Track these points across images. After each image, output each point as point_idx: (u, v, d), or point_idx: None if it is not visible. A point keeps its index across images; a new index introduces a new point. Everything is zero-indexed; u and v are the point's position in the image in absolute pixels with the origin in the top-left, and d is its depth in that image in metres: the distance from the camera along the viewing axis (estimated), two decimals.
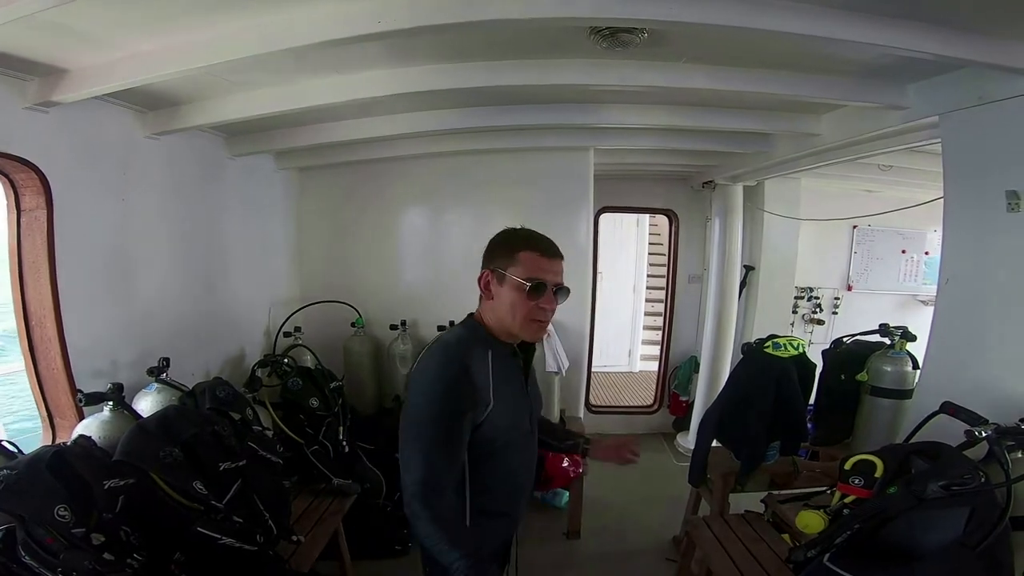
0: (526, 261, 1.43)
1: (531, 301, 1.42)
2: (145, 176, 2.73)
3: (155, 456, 1.92)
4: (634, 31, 1.83)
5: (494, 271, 1.46)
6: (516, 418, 1.51)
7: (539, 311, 1.44)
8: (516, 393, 1.52)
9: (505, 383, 1.46)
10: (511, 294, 1.43)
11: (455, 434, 1.37)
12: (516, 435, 1.53)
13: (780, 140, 3.51)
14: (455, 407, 1.36)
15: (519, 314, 1.43)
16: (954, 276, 2.37)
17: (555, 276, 1.46)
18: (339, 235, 4.26)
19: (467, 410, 1.37)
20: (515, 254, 1.44)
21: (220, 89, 2.47)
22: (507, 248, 1.47)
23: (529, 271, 1.42)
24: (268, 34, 1.80)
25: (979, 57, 1.80)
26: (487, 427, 1.42)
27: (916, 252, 5.42)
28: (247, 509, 2.18)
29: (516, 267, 1.43)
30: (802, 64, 2.22)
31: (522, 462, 1.60)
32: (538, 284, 1.42)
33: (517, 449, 1.55)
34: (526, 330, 1.46)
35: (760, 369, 2.94)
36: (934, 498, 1.60)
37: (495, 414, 1.42)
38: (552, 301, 1.45)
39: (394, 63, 2.26)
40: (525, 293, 1.41)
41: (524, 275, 1.42)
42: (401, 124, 3.05)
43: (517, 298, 1.42)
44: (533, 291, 1.41)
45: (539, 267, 1.43)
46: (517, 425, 1.52)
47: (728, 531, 2.72)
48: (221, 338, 3.39)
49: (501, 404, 1.43)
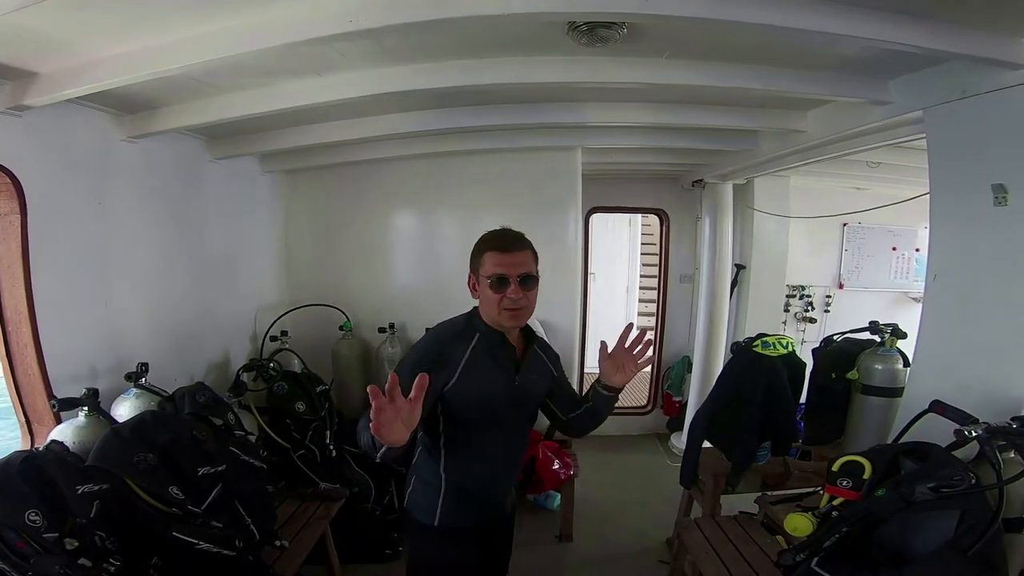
0: (489, 260, 1.63)
1: (498, 294, 1.61)
2: (123, 179, 2.70)
3: (129, 461, 1.90)
4: (612, 26, 1.80)
5: (473, 273, 1.68)
6: (490, 396, 1.65)
7: (508, 301, 1.62)
8: (496, 375, 1.67)
9: (481, 364, 1.63)
10: (485, 291, 1.64)
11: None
12: (490, 412, 1.66)
13: (766, 137, 3.49)
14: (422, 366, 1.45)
15: (493, 306, 1.63)
16: (942, 272, 2.34)
17: (517, 268, 1.62)
18: (326, 238, 4.23)
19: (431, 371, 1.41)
20: (481, 256, 1.65)
21: (198, 92, 2.43)
22: (477, 251, 1.68)
23: (492, 268, 1.62)
24: (240, 36, 1.78)
25: (961, 50, 1.78)
26: (451, 397, 1.60)
27: (907, 249, 5.40)
28: (228, 514, 2.16)
29: (483, 267, 1.64)
30: (784, 59, 2.20)
31: (502, 443, 1.75)
32: (500, 278, 1.60)
33: (494, 426, 1.69)
34: (503, 317, 1.64)
35: (749, 368, 2.91)
36: (923, 500, 1.57)
37: (458, 386, 1.59)
38: (518, 291, 1.61)
39: (372, 63, 2.23)
40: (491, 287, 1.61)
41: (489, 273, 1.62)
42: (385, 125, 3.02)
43: (489, 292, 1.62)
44: (497, 285, 1.61)
45: (500, 263, 1.62)
46: (490, 403, 1.65)
47: (719, 533, 2.69)
48: (205, 342, 3.35)
49: (468, 380, 1.60)
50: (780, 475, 2.96)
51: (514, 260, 1.63)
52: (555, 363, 1.91)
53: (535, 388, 1.80)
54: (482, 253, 1.65)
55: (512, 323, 1.67)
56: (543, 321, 3.91)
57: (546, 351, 1.90)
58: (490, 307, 1.64)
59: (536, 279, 1.67)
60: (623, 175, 5.21)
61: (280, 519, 2.61)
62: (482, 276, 1.64)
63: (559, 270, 4.04)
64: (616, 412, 6.10)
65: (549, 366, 1.87)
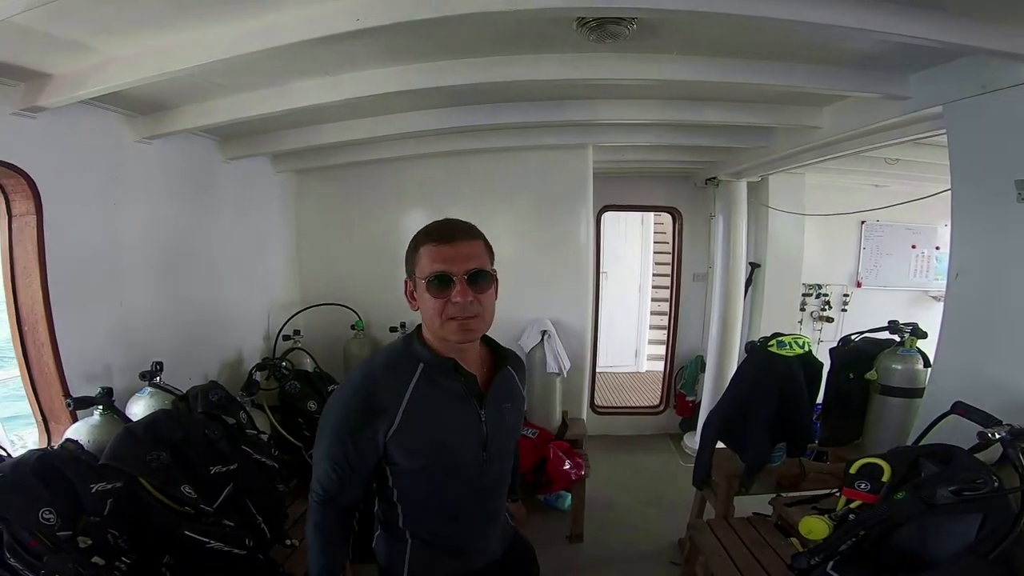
0: (425, 256, 1.26)
1: (439, 299, 1.24)
2: (136, 180, 2.73)
3: (142, 460, 1.92)
4: (622, 21, 1.78)
5: (409, 278, 1.31)
6: (451, 441, 1.33)
7: (452, 307, 1.24)
8: (453, 415, 1.33)
9: (429, 404, 1.29)
10: (423, 295, 1.26)
11: (349, 450, 1.28)
12: (448, 463, 1.34)
13: (781, 134, 3.44)
14: (348, 424, 1.27)
15: (435, 316, 1.26)
16: (964, 270, 2.29)
17: (463, 263, 1.24)
18: (338, 237, 4.25)
19: (360, 428, 1.26)
20: (417, 251, 1.28)
21: (209, 92, 2.45)
22: (412, 248, 1.30)
23: (430, 265, 1.24)
24: (247, 36, 1.78)
25: (981, 43, 1.73)
26: (394, 446, 1.28)
27: (927, 247, 5.31)
28: (239, 513, 2.18)
29: (419, 265, 1.27)
30: (798, 54, 2.16)
31: (473, 496, 1.41)
32: (440, 277, 1.23)
33: (457, 479, 1.36)
34: (449, 330, 1.26)
35: (764, 368, 2.86)
36: (944, 504, 1.52)
37: (403, 436, 1.27)
38: (466, 292, 1.23)
39: (381, 62, 2.23)
40: (430, 290, 1.24)
41: (425, 271, 1.25)
42: (395, 124, 3.02)
43: (428, 297, 1.25)
44: (435, 286, 1.23)
45: (439, 257, 1.24)
46: (453, 450, 1.34)
47: (732, 535, 2.66)
48: (218, 342, 3.39)
49: (414, 426, 1.28)
50: (795, 476, 2.91)
51: (458, 252, 1.25)
52: (523, 379, 1.54)
53: (510, 419, 1.44)
54: (417, 248, 1.28)
55: (460, 337, 1.27)
56: (555, 321, 3.89)
57: (515, 366, 1.51)
58: (431, 318, 1.27)
59: (492, 277, 1.29)
60: (635, 173, 5.16)
61: (291, 518, 2.61)
62: (418, 277, 1.26)
63: (571, 269, 4.03)
64: (628, 412, 6.13)
65: (519, 385, 1.51)
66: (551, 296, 3.96)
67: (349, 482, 1.32)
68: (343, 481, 1.31)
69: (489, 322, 1.32)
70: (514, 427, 1.49)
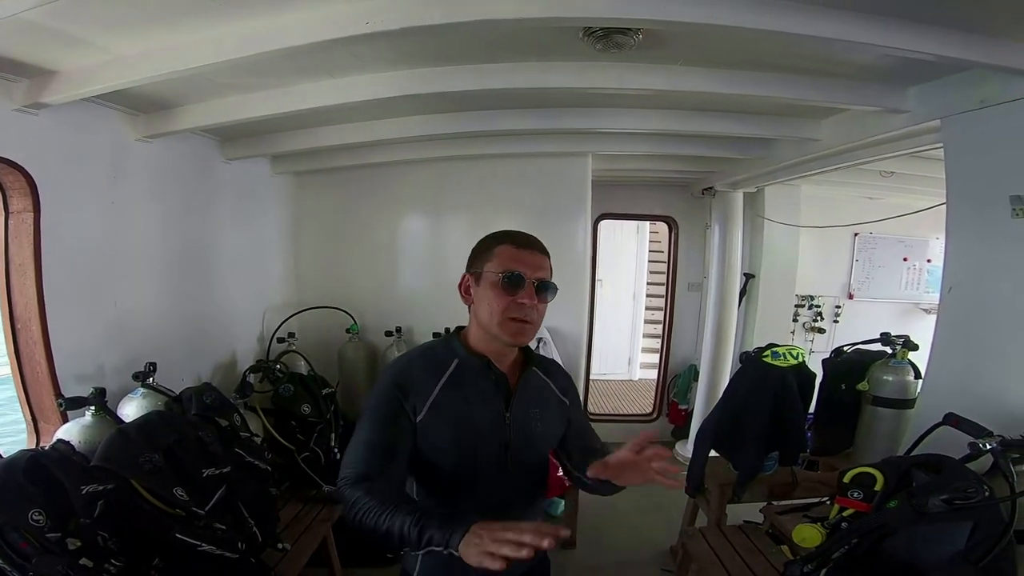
0: (501, 254, 1.32)
1: (508, 296, 1.29)
2: (136, 179, 2.71)
3: (135, 462, 1.89)
4: (628, 32, 1.80)
5: (472, 273, 1.37)
6: (469, 439, 1.33)
7: (517, 307, 1.29)
8: (479, 413, 1.34)
9: (457, 399, 1.32)
10: (488, 291, 1.31)
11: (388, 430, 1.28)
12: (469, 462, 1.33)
13: (780, 145, 3.47)
14: (388, 406, 1.30)
15: (496, 310, 1.29)
16: (957, 284, 2.32)
17: (535, 270, 1.32)
18: (335, 240, 4.24)
19: (400, 408, 1.29)
20: (491, 250, 1.34)
21: (213, 92, 2.45)
22: (484, 246, 1.37)
23: (504, 263, 1.31)
24: (256, 36, 1.78)
25: (980, 58, 1.76)
26: (422, 428, 1.30)
27: (918, 260, 5.36)
28: (231, 516, 2.16)
29: (491, 262, 1.32)
30: (800, 67, 2.19)
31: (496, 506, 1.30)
32: (514, 275, 1.29)
33: (478, 482, 1.34)
34: (505, 330, 1.30)
35: (758, 378, 2.89)
36: (936, 512, 1.55)
37: (428, 423, 1.30)
38: (532, 296, 1.30)
39: (386, 66, 2.23)
40: (500, 286, 1.29)
41: (499, 268, 1.30)
42: (397, 128, 3.02)
43: (493, 294, 1.30)
44: (508, 283, 1.29)
45: (516, 258, 1.31)
46: (470, 448, 1.33)
47: (724, 542, 2.67)
48: (213, 343, 3.36)
49: (438, 418, 1.30)
50: (787, 485, 2.93)
51: (534, 260, 1.33)
52: (568, 391, 1.52)
53: (539, 426, 1.42)
54: (492, 247, 1.34)
55: (515, 339, 1.33)
56: (551, 328, 3.89)
57: (553, 374, 1.51)
58: (491, 313, 1.31)
59: (555, 291, 1.36)
60: (632, 181, 5.20)
61: (283, 521, 2.61)
62: (487, 272, 1.32)
63: (568, 277, 3.99)
64: (621, 419, 6.13)
65: (558, 395, 1.49)
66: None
67: (388, 463, 1.26)
68: (382, 462, 1.25)
69: (536, 331, 1.37)
70: (543, 436, 1.44)
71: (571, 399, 1.52)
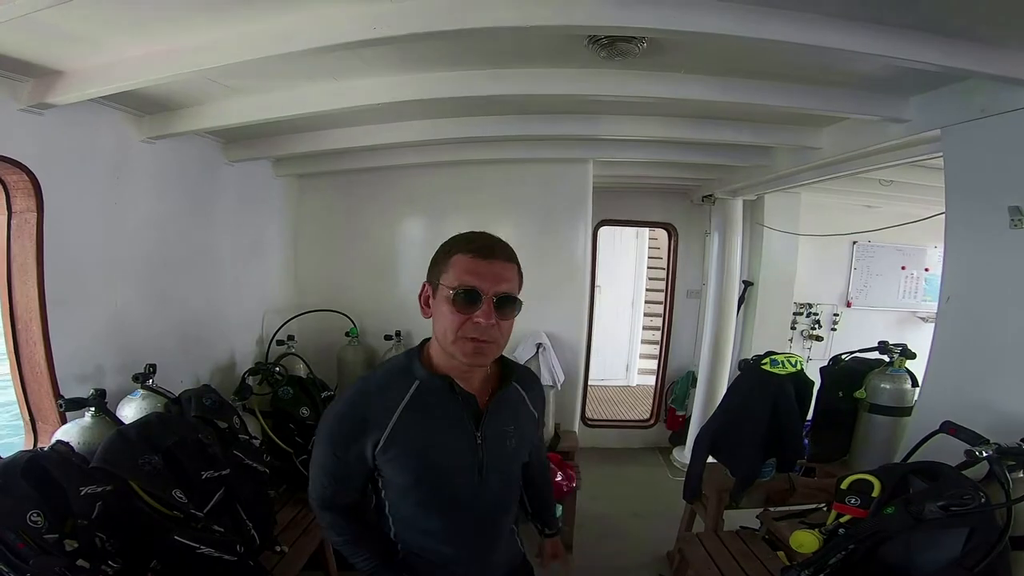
0: (458, 265, 1.18)
1: (462, 314, 1.16)
2: (139, 180, 2.71)
3: (134, 463, 1.89)
4: (632, 40, 1.81)
5: (431, 282, 1.23)
6: (443, 464, 1.26)
7: (472, 327, 1.16)
8: (447, 437, 1.26)
9: (421, 424, 1.22)
10: (442, 307, 1.18)
11: (339, 460, 1.25)
12: (437, 480, 1.26)
13: (780, 153, 3.48)
14: (339, 436, 1.24)
15: (450, 329, 1.17)
16: (955, 294, 2.33)
17: (495, 283, 1.17)
18: (336, 243, 4.24)
19: (350, 441, 1.23)
20: (449, 259, 1.20)
21: (218, 94, 2.45)
22: (442, 254, 1.22)
23: (459, 276, 1.16)
24: (264, 39, 1.79)
25: (982, 68, 1.77)
26: (383, 462, 1.23)
27: (916, 268, 5.39)
28: (229, 519, 2.16)
29: (447, 273, 1.19)
30: (802, 76, 2.20)
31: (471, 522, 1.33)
32: (468, 291, 1.15)
33: (452, 506, 1.29)
34: (460, 349, 1.18)
35: (757, 386, 2.90)
36: (932, 519, 1.56)
37: (390, 453, 1.21)
38: (490, 315, 1.16)
39: (391, 71, 2.24)
40: (454, 303, 1.16)
41: (454, 282, 1.16)
42: (401, 132, 3.03)
43: (447, 310, 1.17)
44: (463, 300, 1.15)
45: (472, 271, 1.16)
46: (444, 472, 1.26)
47: (721, 548, 2.68)
48: (212, 345, 3.36)
49: (402, 445, 1.21)
50: (784, 491, 2.93)
51: (493, 271, 1.18)
52: (538, 402, 1.46)
53: (513, 443, 1.34)
54: (450, 255, 1.20)
55: (471, 360, 1.20)
56: (550, 334, 3.90)
57: (530, 387, 1.44)
58: (444, 332, 1.19)
59: (518, 305, 1.22)
60: (632, 188, 5.21)
61: (280, 524, 2.60)
62: (442, 285, 1.18)
63: (567, 283, 4.04)
64: (619, 425, 6.13)
65: (531, 407, 1.42)
66: (547, 309, 3.95)
67: (341, 488, 1.32)
68: (336, 488, 1.32)
69: (501, 349, 1.26)
70: (517, 451, 1.38)
71: (539, 411, 1.45)
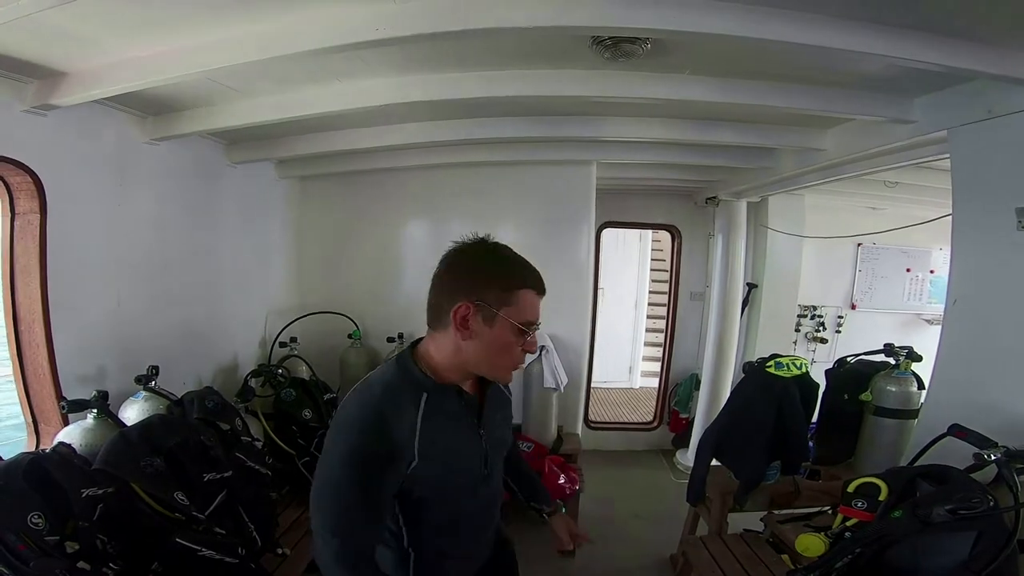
0: (525, 299, 1.20)
1: (519, 345, 1.22)
2: (142, 181, 2.71)
3: (136, 465, 1.89)
4: (636, 41, 1.80)
5: (480, 306, 1.19)
6: (460, 465, 1.28)
7: (521, 356, 1.24)
8: (460, 439, 1.28)
9: (439, 432, 1.22)
10: (503, 337, 1.20)
11: (372, 495, 1.17)
12: (462, 481, 1.30)
13: (785, 155, 3.46)
14: (371, 469, 1.15)
15: (504, 359, 1.22)
16: (962, 297, 2.30)
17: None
18: (338, 245, 4.24)
19: (382, 470, 1.16)
20: (514, 291, 1.20)
21: (221, 95, 2.45)
22: (504, 282, 1.21)
23: (529, 312, 1.20)
24: (267, 40, 1.78)
25: (988, 68, 1.76)
26: (414, 482, 1.20)
27: (921, 271, 5.36)
28: (231, 521, 2.15)
29: (513, 307, 1.19)
30: (805, 77, 2.18)
31: (479, 506, 1.40)
32: (533, 325, 1.22)
33: (468, 494, 1.34)
34: (501, 372, 1.26)
35: (762, 388, 2.88)
36: (940, 522, 1.54)
37: (421, 468, 1.19)
38: (535, 344, 1.26)
39: (394, 72, 2.23)
40: (520, 335, 1.20)
41: (522, 317, 1.19)
42: (405, 134, 3.02)
43: (509, 342, 1.20)
44: (528, 334, 1.22)
45: (535, 306, 1.23)
46: (461, 472, 1.29)
47: (725, 551, 2.66)
48: (215, 347, 3.35)
49: (431, 457, 1.20)
50: (789, 494, 2.91)
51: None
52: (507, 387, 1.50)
53: (503, 429, 1.45)
54: (514, 288, 1.20)
55: (508, 379, 1.32)
56: (553, 336, 3.88)
57: None
58: (495, 356, 1.22)
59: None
60: (636, 190, 5.20)
61: (282, 526, 2.60)
62: (505, 315, 1.18)
63: (571, 285, 4.03)
64: (622, 427, 6.10)
65: (507, 393, 1.50)
66: (550, 311, 3.86)
67: (372, 529, 1.23)
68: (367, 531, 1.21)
69: None
70: (506, 436, 1.47)
71: (509, 392, 1.51)
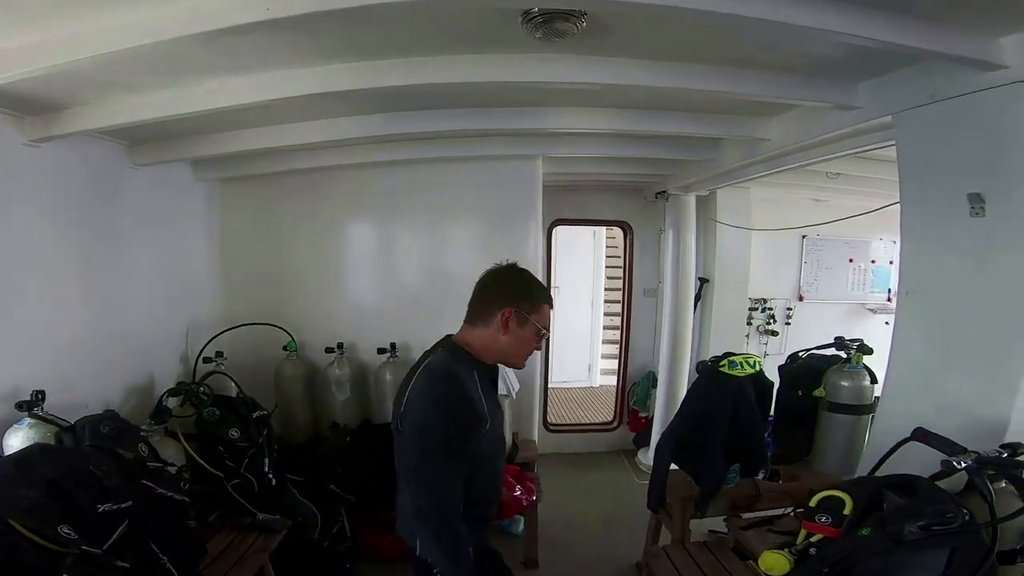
0: (544, 311, 1.68)
1: (537, 344, 1.68)
2: (27, 187, 2.40)
3: (11, 499, 1.67)
4: (571, 18, 1.63)
5: (518, 312, 1.62)
6: (497, 432, 1.69)
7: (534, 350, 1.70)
8: (496, 410, 1.69)
9: (489, 399, 1.61)
10: (528, 336, 1.65)
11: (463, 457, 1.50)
12: (497, 450, 1.73)
13: (730, 146, 3.40)
14: (466, 434, 1.50)
15: (524, 352, 1.69)
16: (915, 289, 2.23)
17: None
18: (269, 252, 3.95)
19: (474, 434, 1.51)
20: (539, 304, 1.67)
21: (107, 91, 2.17)
22: (534, 296, 1.68)
23: (545, 321, 1.68)
24: (139, 27, 1.56)
25: (935, 47, 1.67)
26: (484, 443, 1.55)
27: (863, 261, 5.47)
28: (137, 553, 1.93)
29: (537, 315, 1.65)
30: (750, 60, 2.07)
31: (500, 477, 1.80)
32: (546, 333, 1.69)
33: (500, 456, 1.76)
34: (520, 361, 1.71)
35: (716, 390, 2.79)
36: (912, 540, 1.43)
37: (490, 430, 1.57)
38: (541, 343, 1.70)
39: (305, 61, 2.01)
40: (538, 337, 1.67)
41: (543, 324, 1.67)
42: (326, 130, 2.79)
43: (531, 341, 1.67)
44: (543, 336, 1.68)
45: (550, 318, 1.70)
46: (497, 439, 1.71)
47: (689, 561, 2.57)
48: (126, 365, 3.02)
49: (495, 420, 1.61)
50: (750, 497, 2.83)
51: None
52: None
53: None
54: (539, 302, 1.67)
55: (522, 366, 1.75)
56: None
57: None
58: (520, 349, 1.67)
59: None
60: (586, 186, 5.10)
61: (211, 554, 2.39)
62: (534, 323, 1.65)
63: None
64: (582, 429, 6.01)
65: None
66: None
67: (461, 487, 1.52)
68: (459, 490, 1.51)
69: None
70: None
71: None
